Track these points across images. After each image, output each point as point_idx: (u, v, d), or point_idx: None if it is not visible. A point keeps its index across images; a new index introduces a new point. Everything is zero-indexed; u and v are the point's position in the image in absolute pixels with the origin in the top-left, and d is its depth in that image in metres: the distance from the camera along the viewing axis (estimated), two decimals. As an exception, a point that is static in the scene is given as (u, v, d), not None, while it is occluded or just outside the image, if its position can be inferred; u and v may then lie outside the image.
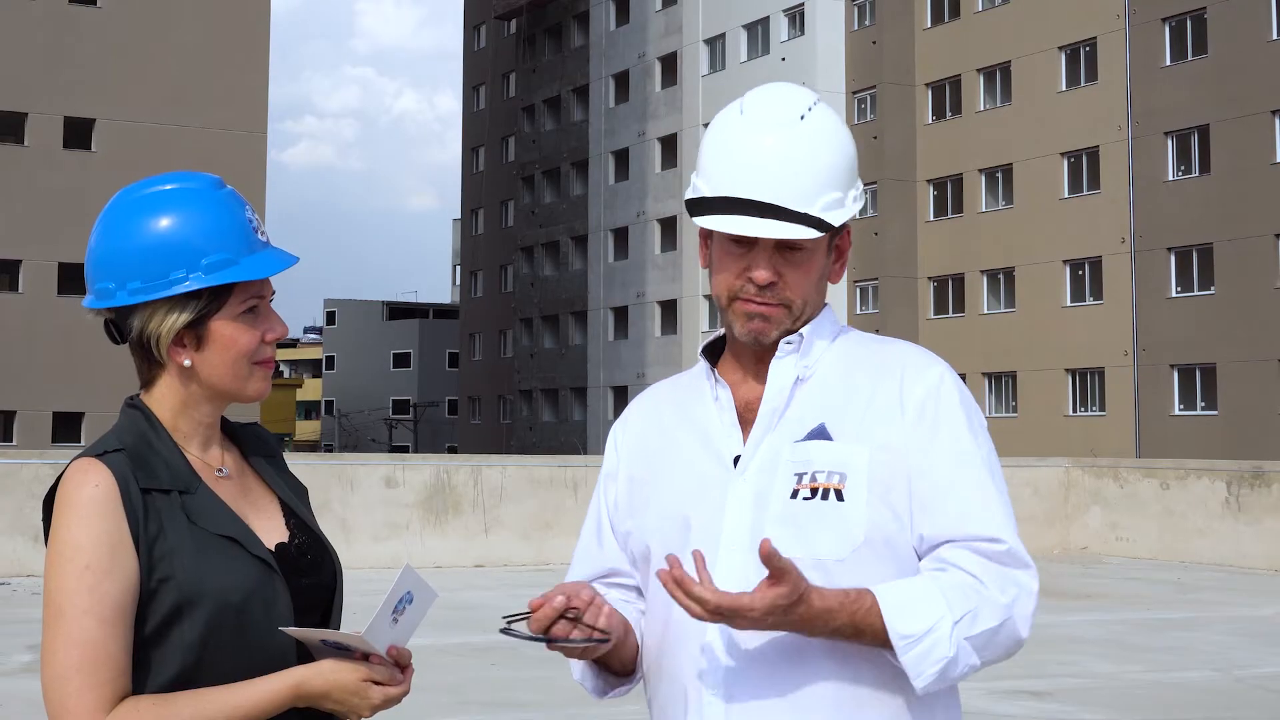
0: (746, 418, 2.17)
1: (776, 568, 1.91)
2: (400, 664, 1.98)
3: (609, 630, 2.07)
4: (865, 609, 1.98)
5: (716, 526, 2.11)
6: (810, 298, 2.15)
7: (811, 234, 2.08)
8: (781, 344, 2.15)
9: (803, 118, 2.14)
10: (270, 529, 2.08)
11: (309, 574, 2.08)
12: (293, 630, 1.97)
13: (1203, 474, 19.26)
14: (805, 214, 2.09)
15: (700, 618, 1.94)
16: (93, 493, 1.93)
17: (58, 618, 1.90)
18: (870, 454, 2.07)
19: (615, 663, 2.24)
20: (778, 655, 2.04)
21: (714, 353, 2.27)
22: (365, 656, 1.96)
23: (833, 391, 2.14)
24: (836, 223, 2.12)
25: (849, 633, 1.99)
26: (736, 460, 2.14)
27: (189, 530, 1.97)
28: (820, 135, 2.14)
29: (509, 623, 2.06)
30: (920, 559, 2.09)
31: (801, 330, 2.16)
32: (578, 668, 2.25)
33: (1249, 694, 9.55)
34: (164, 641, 1.94)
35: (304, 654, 2.01)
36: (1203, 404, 38.54)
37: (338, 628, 2.12)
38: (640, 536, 2.22)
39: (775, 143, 2.12)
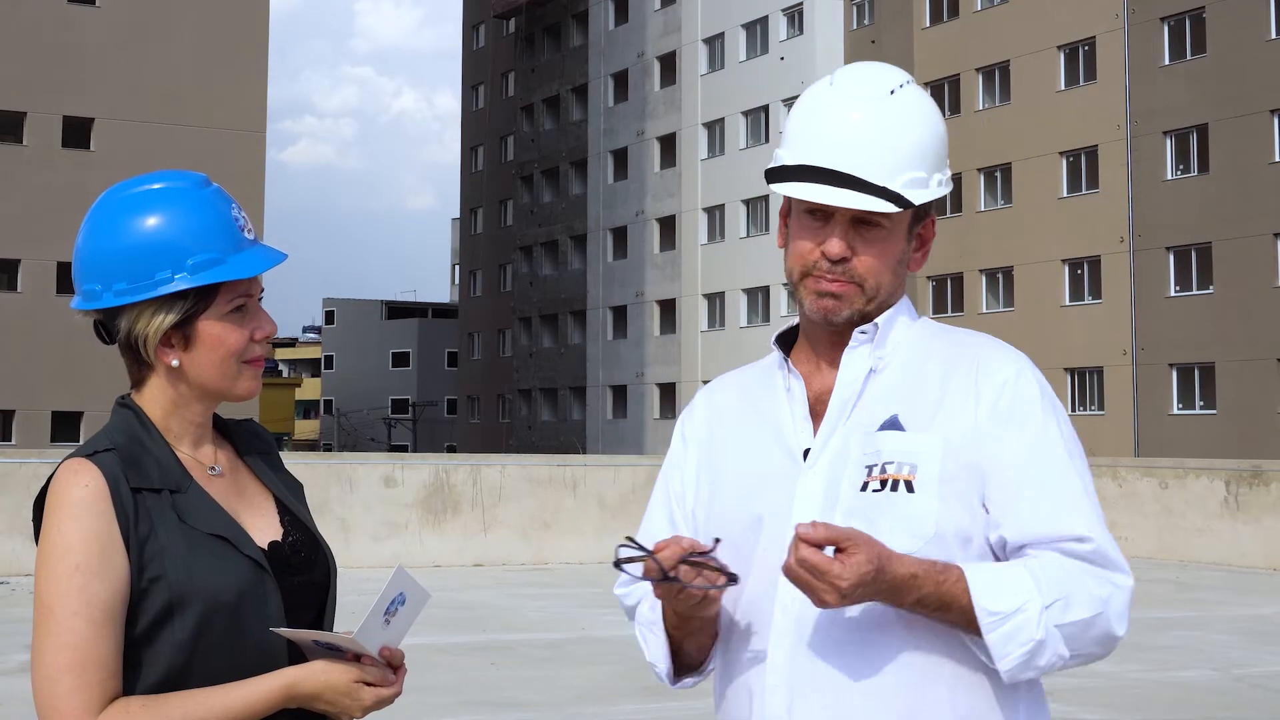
0: (818, 410, 2.11)
1: (840, 537, 1.87)
2: (392, 665, 1.97)
3: (734, 573, 1.97)
4: (952, 580, 1.92)
5: (785, 522, 2.04)
6: (885, 281, 2.09)
7: (889, 208, 2.03)
8: (855, 334, 2.10)
9: (892, 93, 2.09)
10: (264, 527, 2.07)
11: (302, 572, 2.07)
12: (284, 631, 1.96)
13: (1202, 473, 19.26)
14: (884, 188, 2.04)
15: (789, 571, 1.88)
16: (83, 493, 1.92)
17: (47, 619, 1.89)
18: (943, 445, 2.01)
19: (693, 647, 2.15)
20: (846, 647, 1.98)
21: (787, 342, 2.21)
22: (357, 657, 1.95)
23: (905, 382, 2.08)
24: (917, 201, 2.06)
25: (933, 603, 1.92)
26: (806, 454, 2.08)
27: (180, 529, 1.96)
28: (908, 112, 2.09)
29: (623, 561, 1.98)
30: (1002, 559, 2.02)
31: (876, 320, 2.10)
32: (656, 648, 2.15)
33: (1249, 694, 9.55)
34: (155, 641, 1.93)
35: (296, 654, 2.00)
36: (1202, 403, 38.54)
37: (332, 626, 2.11)
38: (711, 531, 2.13)
39: (861, 115, 2.07)
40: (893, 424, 2.04)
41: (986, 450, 2.01)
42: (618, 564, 1.99)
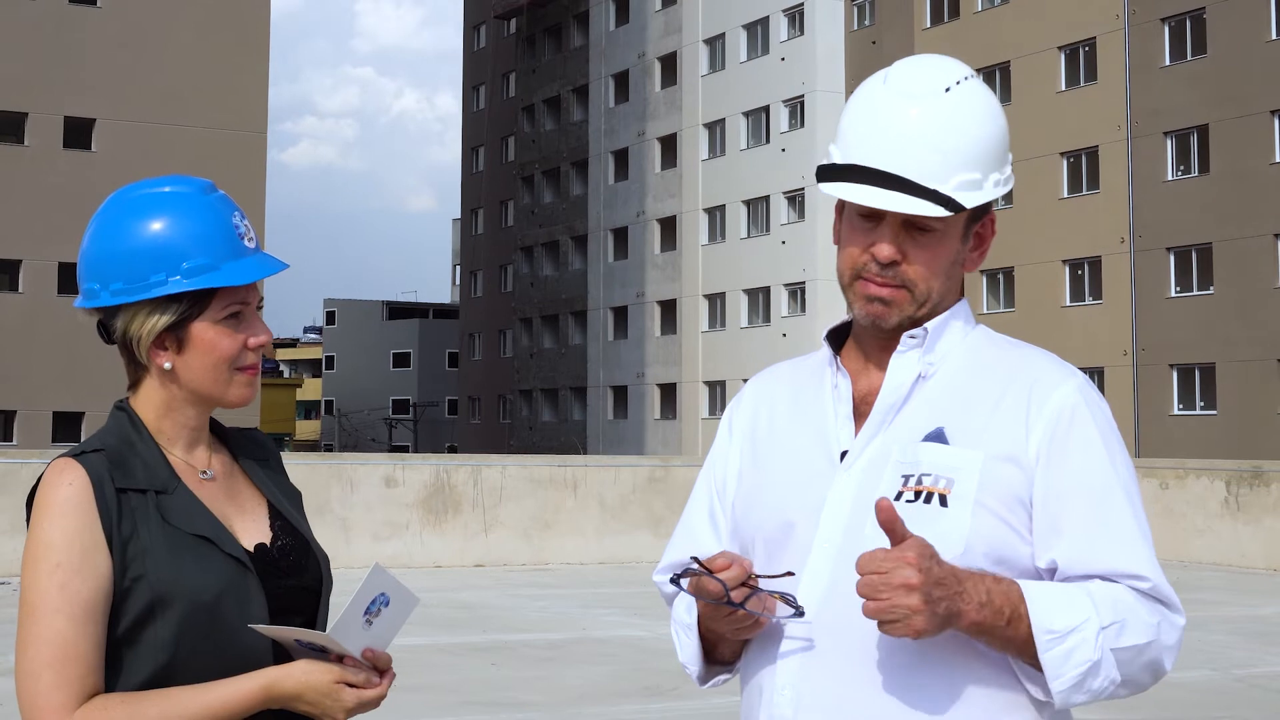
0: (862, 410, 2.06)
1: (899, 533, 1.83)
2: (379, 668, 1.96)
3: (802, 606, 1.95)
4: (1014, 591, 1.88)
5: (813, 528, 2.01)
6: (936, 284, 2.03)
7: (938, 211, 1.97)
8: (904, 337, 2.04)
9: (948, 90, 2.01)
10: (252, 530, 2.08)
11: (291, 576, 2.07)
12: (264, 628, 1.96)
13: (1202, 474, 19.25)
14: (935, 191, 1.97)
15: (860, 589, 1.83)
16: (67, 492, 1.94)
17: (30, 615, 1.91)
18: (984, 462, 1.95)
19: (727, 649, 2.12)
20: (858, 656, 1.95)
21: (839, 337, 2.15)
22: (342, 659, 1.95)
23: (955, 393, 2.03)
24: (968, 204, 1.99)
25: (1004, 611, 1.87)
26: (844, 455, 2.04)
27: (163, 530, 1.97)
28: (964, 111, 2.01)
29: (682, 575, 1.96)
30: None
31: (927, 325, 2.04)
32: (688, 650, 2.12)
33: (1249, 694, 9.55)
34: (138, 641, 1.94)
35: (283, 656, 2.00)
36: (1202, 404, 38.54)
37: (323, 631, 2.10)
38: (748, 530, 2.11)
39: (913, 114, 2.00)
40: (938, 436, 1.99)
41: (1040, 478, 1.96)
42: (675, 580, 1.98)
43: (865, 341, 2.10)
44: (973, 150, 2.00)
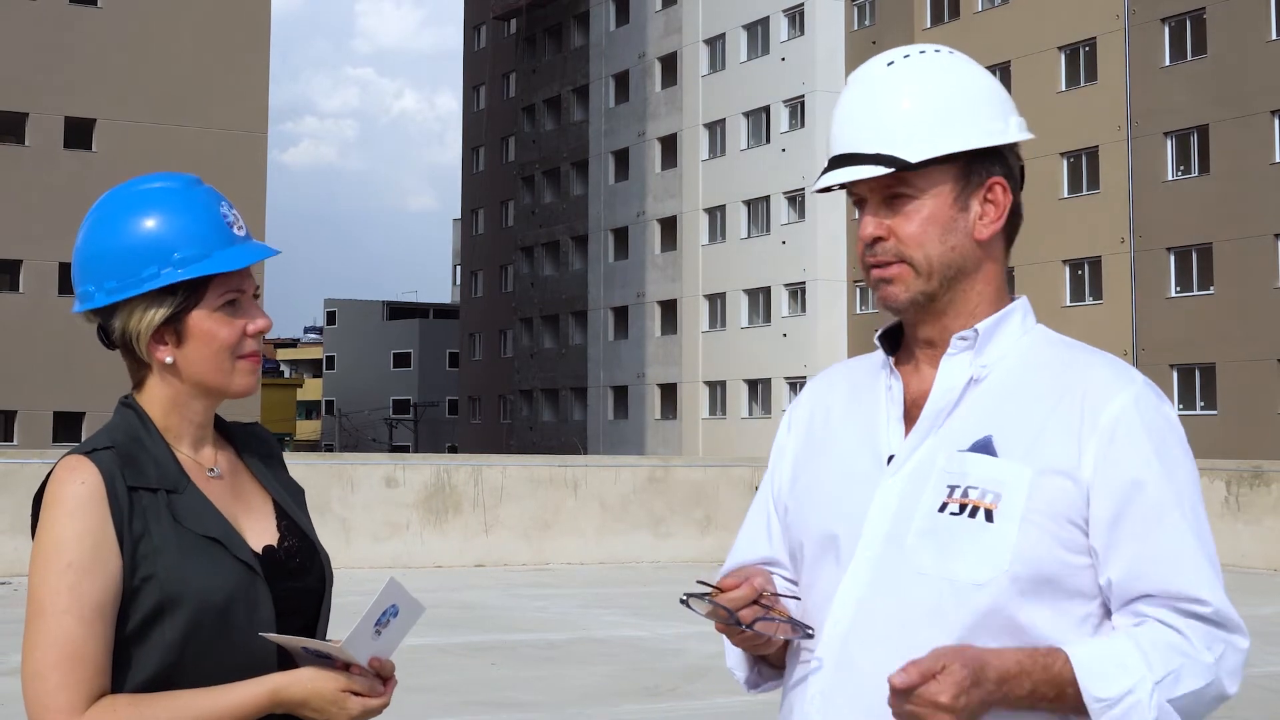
0: (914, 413, 2.02)
1: (929, 668, 1.79)
2: (382, 676, 1.97)
3: (811, 628, 1.96)
4: (1059, 664, 1.84)
5: (855, 538, 1.98)
6: (934, 252, 1.98)
7: (877, 171, 1.95)
8: (955, 339, 2.00)
9: (890, 64, 2.02)
10: (260, 530, 2.08)
11: (296, 577, 2.08)
12: (273, 636, 1.96)
13: (1202, 474, 19.16)
14: (875, 154, 1.96)
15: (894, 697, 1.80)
16: (78, 490, 1.94)
17: (38, 615, 1.91)
18: (1034, 477, 1.89)
19: (776, 657, 2.09)
20: (889, 668, 1.87)
21: (894, 339, 2.13)
22: (346, 666, 1.95)
23: (1006, 400, 1.97)
24: (912, 158, 1.95)
25: (1050, 691, 1.84)
26: (891, 459, 2.00)
27: (174, 530, 1.97)
28: (904, 79, 2.01)
29: (690, 597, 1.96)
30: (1110, 607, 1.93)
31: (978, 326, 2.00)
32: (734, 655, 2.13)
33: (1249, 694, 9.55)
34: (145, 641, 1.94)
35: (287, 659, 2.00)
36: (1202, 404, 38.54)
37: (325, 632, 2.11)
38: (797, 532, 2.09)
39: (856, 94, 2.03)
40: (984, 446, 1.93)
41: (1094, 494, 1.90)
42: (685, 601, 1.97)
43: (913, 340, 2.07)
44: (921, 110, 1.98)
